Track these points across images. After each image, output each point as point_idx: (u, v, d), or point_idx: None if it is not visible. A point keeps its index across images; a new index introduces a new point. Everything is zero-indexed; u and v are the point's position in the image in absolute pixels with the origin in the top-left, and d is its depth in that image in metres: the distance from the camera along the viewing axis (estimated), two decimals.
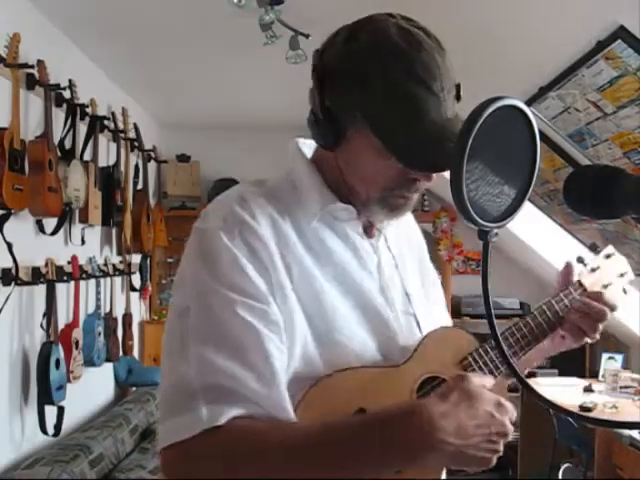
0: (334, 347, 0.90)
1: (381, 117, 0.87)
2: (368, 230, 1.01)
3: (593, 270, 1.16)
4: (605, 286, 1.16)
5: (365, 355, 0.93)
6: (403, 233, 1.11)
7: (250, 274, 0.86)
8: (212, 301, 0.85)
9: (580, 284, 1.14)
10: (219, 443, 0.80)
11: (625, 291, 1.19)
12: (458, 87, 0.91)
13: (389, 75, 0.86)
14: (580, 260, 1.18)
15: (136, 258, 4.05)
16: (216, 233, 0.88)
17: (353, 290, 0.95)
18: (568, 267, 1.14)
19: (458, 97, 0.91)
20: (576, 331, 1.09)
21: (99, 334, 3.19)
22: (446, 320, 1.15)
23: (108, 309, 3.48)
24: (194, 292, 0.88)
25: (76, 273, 2.94)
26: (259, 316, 0.85)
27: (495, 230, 0.76)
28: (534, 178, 0.79)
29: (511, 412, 0.85)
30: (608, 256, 1.19)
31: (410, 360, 0.95)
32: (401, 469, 0.85)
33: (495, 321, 0.72)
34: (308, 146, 1.02)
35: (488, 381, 0.89)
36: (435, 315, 1.10)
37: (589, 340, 1.10)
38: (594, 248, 1.20)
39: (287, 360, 0.87)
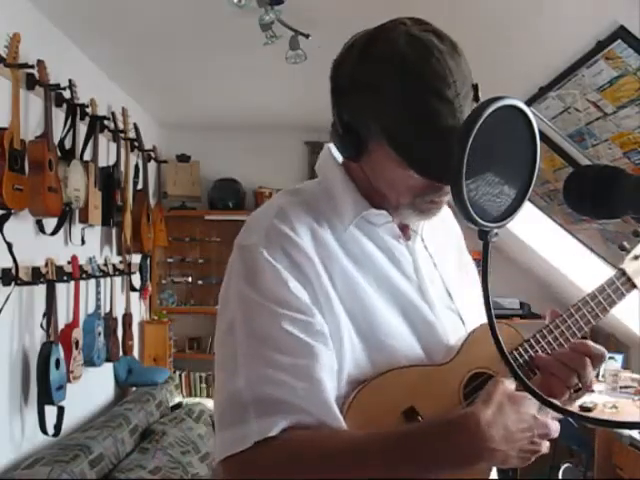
0: (381, 350, 0.92)
1: (397, 130, 0.87)
2: (404, 232, 1.02)
3: (636, 257, 1.10)
4: None
5: (410, 355, 0.95)
6: (440, 225, 1.11)
7: (293, 287, 0.89)
8: (257, 316, 0.88)
9: (623, 273, 1.09)
10: (272, 455, 0.82)
11: None
12: (476, 88, 0.90)
13: (401, 88, 0.85)
14: (622, 248, 1.12)
15: (136, 258, 4.05)
16: (257, 249, 0.91)
17: (393, 293, 0.97)
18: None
19: (477, 98, 0.90)
20: (549, 378, 0.98)
21: (99, 334, 3.19)
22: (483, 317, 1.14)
23: (108, 309, 3.48)
24: (239, 308, 0.90)
25: (76, 273, 2.94)
26: (304, 327, 0.87)
27: (495, 230, 0.76)
28: (534, 178, 0.79)
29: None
30: None
31: (457, 357, 0.96)
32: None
33: (495, 321, 0.72)
34: None
35: (514, 383, 0.89)
36: (475, 309, 1.08)
37: (566, 391, 0.98)
38: (637, 234, 1.12)
39: (337, 365, 0.89)
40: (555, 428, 0.87)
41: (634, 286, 1.09)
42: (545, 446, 0.87)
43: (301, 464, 0.82)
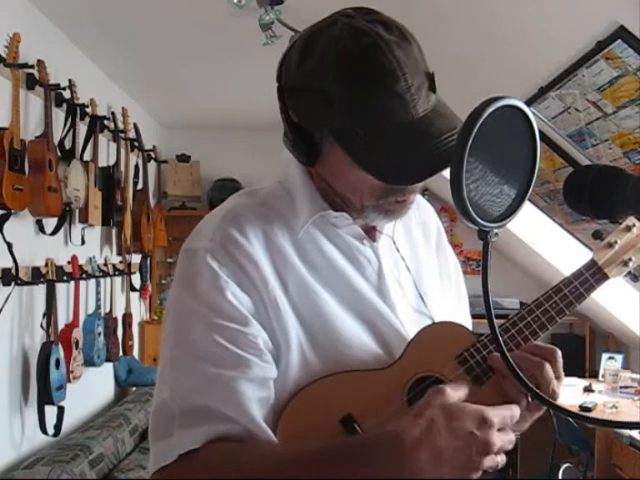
0: (337, 356, 0.88)
1: (348, 133, 0.82)
2: (370, 233, 0.97)
3: (610, 245, 1.00)
4: (625, 262, 1.00)
5: (370, 361, 0.90)
6: (417, 223, 1.06)
7: (230, 294, 0.84)
8: (189, 323, 0.85)
9: (594, 262, 1.00)
10: (193, 468, 0.80)
11: None
12: (431, 77, 0.84)
13: (346, 87, 0.80)
14: (597, 235, 1.02)
15: (136, 258, 4.05)
16: (200, 253, 0.87)
17: (352, 296, 0.92)
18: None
19: (432, 88, 0.84)
20: (501, 382, 0.90)
21: (99, 334, 3.19)
22: (461, 315, 1.08)
23: (108, 309, 3.48)
24: (174, 313, 0.88)
25: (76, 273, 2.94)
26: (234, 338, 0.83)
27: (495, 230, 0.76)
28: (534, 178, 0.79)
29: (499, 423, 0.79)
30: (629, 228, 1.01)
31: (400, 360, 0.90)
32: None
33: (495, 321, 0.72)
34: None
35: (464, 390, 0.83)
36: (450, 310, 1.03)
37: (522, 397, 0.89)
38: (598, 235, 1.03)
39: (277, 375, 0.86)
40: (503, 442, 0.79)
41: (606, 276, 1.00)
42: (490, 461, 0.78)
43: (220, 478, 0.79)
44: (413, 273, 1.01)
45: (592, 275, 0.99)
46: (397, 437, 0.77)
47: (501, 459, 0.80)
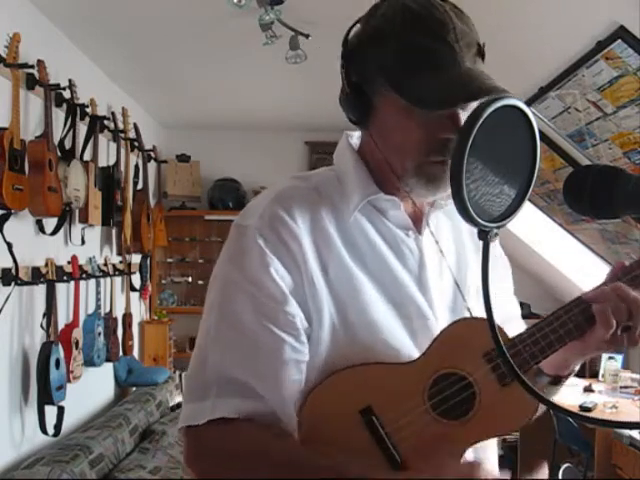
0: (366, 340, 0.91)
1: (401, 74, 0.88)
2: (416, 224, 1.00)
3: (634, 279, 0.93)
4: None
5: (402, 351, 0.93)
6: (468, 230, 1.07)
7: (274, 272, 0.89)
8: (233, 296, 0.91)
9: None
10: (217, 436, 0.88)
11: None
12: (481, 46, 0.91)
13: (403, 34, 0.88)
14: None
15: (136, 258, 4.05)
16: (249, 229, 0.92)
17: (390, 285, 0.95)
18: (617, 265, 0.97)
19: (482, 55, 0.91)
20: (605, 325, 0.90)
21: (99, 334, 3.19)
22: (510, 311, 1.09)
23: (108, 309, 3.48)
24: (220, 286, 0.94)
25: (76, 273, 2.94)
26: (274, 317, 0.88)
27: (495, 230, 0.76)
28: (534, 178, 0.79)
29: None
30: None
31: (425, 355, 0.92)
32: None
33: (495, 321, 0.72)
34: (356, 137, 1.03)
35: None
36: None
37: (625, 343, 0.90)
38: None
39: (309, 356, 0.90)
40: None
41: None
42: None
43: (234, 458, 0.88)
44: (455, 270, 1.03)
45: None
46: None
47: None
